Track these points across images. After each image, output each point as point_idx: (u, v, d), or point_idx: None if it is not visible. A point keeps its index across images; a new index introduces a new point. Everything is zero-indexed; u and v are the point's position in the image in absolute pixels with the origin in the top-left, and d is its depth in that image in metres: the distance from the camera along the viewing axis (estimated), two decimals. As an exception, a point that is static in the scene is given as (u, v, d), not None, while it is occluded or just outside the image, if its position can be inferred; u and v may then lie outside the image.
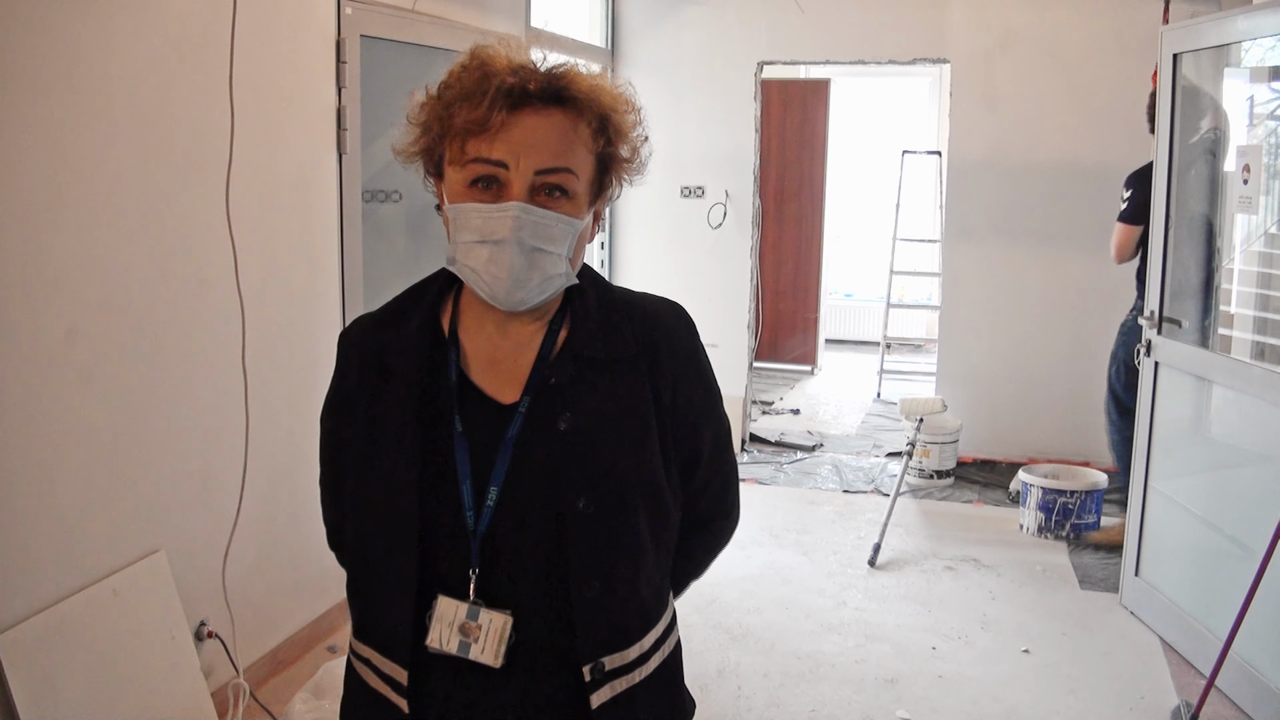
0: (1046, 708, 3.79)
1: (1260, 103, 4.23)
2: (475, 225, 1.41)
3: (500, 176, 1.41)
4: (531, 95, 1.40)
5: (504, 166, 1.40)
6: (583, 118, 1.45)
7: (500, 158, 1.40)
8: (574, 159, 1.44)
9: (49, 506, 2.93)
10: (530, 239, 1.41)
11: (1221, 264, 4.31)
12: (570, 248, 1.46)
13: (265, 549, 3.78)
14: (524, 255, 1.41)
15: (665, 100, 6.72)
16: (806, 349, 9.35)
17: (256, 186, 3.62)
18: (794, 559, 5.17)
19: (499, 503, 1.46)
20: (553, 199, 1.43)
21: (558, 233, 1.43)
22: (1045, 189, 6.21)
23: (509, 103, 1.39)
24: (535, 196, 1.42)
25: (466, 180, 1.42)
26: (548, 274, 1.44)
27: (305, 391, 3.78)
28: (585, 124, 1.45)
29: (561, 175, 1.43)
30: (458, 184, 1.43)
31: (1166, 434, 4.38)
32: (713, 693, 3.86)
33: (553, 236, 1.43)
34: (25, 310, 2.82)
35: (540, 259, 1.43)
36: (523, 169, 1.40)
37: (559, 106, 1.43)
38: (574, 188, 1.44)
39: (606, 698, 1.49)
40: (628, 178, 1.56)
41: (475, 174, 1.41)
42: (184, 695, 3.27)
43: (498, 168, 1.40)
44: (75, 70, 2.92)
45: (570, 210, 1.44)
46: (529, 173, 1.40)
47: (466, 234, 1.42)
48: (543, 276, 1.44)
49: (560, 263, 1.45)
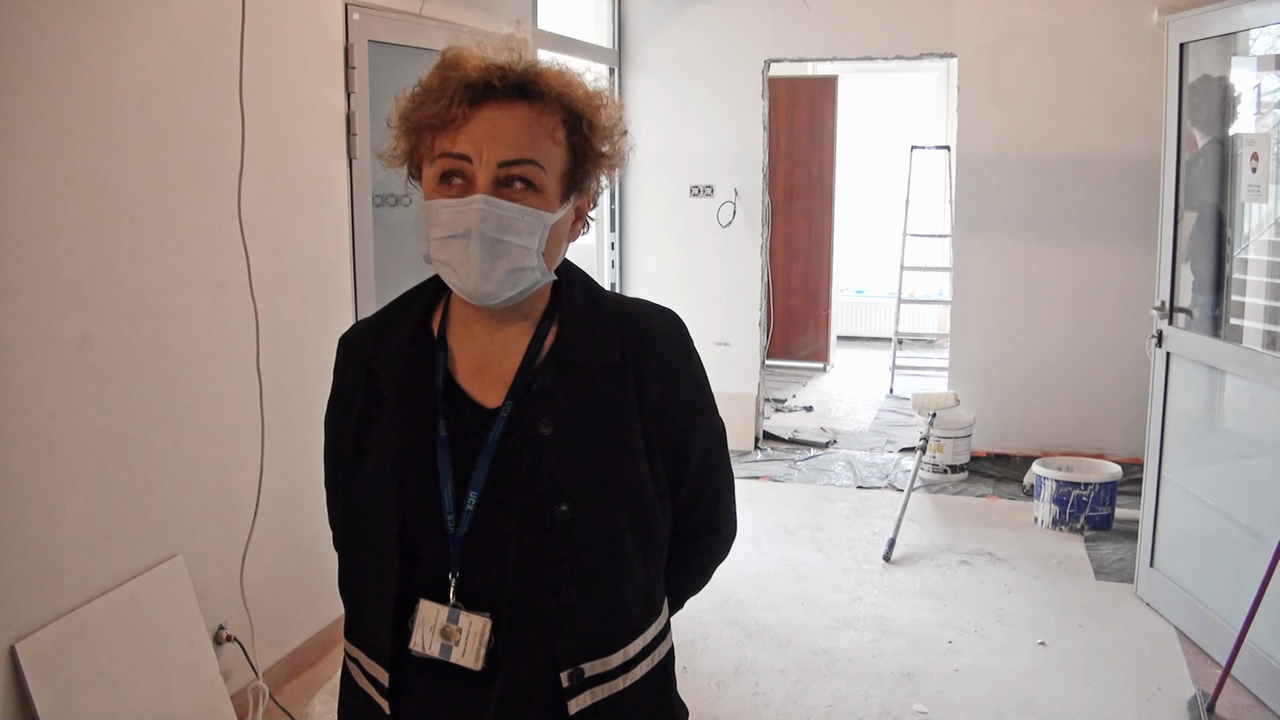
0: (1063, 699, 3.79)
1: (1268, 91, 4.21)
2: (444, 220, 1.42)
3: (465, 170, 1.41)
4: (495, 90, 1.42)
5: (467, 159, 1.41)
6: (549, 110, 1.45)
7: (463, 151, 1.41)
8: (539, 151, 1.43)
9: (66, 513, 2.96)
10: (492, 231, 1.41)
11: (1232, 253, 4.29)
12: (541, 241, 1.45)
13: (282, 552, 3.80)
14: (486, 247, 1.41)
15: (673, 100, 6.73)
16: (818, 346, 9.35)
17: (268, 192, 3.65)
18: (809, 555, 5.18)
19: (479, 507, 1.46)
20: (518, 191, 1.42)
21: (523, 225, 1.42)
22: (1054, 182, 6.19)
23: (469, 96, 1.41)
24: (500, 189, 1.42)
25: (435, 176, 1.44)
26: (514, 265, 1.43)
27: (319, 395, 3.74)
28: (551, 116, 1.45)
29: (525, 167, 1.42)
30: (429, 181, 1.45)
31: (1179, 424, 4.38)
32: (730, 689, 3.87)
33: (517, 229, 1.42)
34: (39, 319, 2.85)
35: (505, 250, 1.42)
36: (485, 161, 1.41)
37: (524, 100, 1.44)
38: (540, 180, 1.44)
39: (586, 704, 1.48)
40: (608, 171, 1.55)
41: (442, 169, 1.43)
42: (203, 699, 3.29)
43: (461, 161, 1.41)
44: (85, 80, 2.95)
45: (537, 203, 1.44)
46: (492, 164, 1.41)
47: (438, 229, 1.43)
48: (509, 268, 1.43)
49: (529, 255, 1.44)
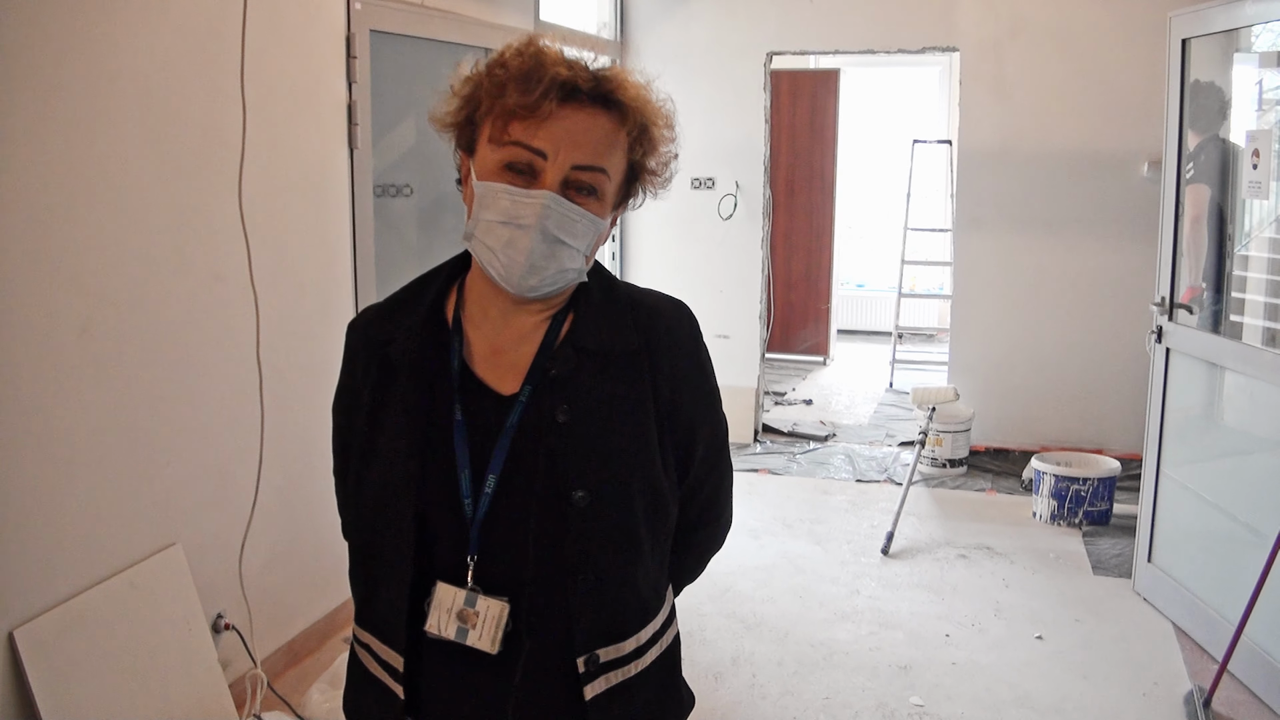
0: (1060, 694, 3.80)
1: (1270, 88, 4.21)
2: (502, 206, 1.42)
3: (536, 164, 1.42)
4: (582, 92, 1.42)
5: (543, 156, 1.41)
6: (625, 124, 1.46)
7: (541, 146, 1.41)
8: (610, 161, 1.46)
9: (66, 501, 2.96)
10: (554, 229, 1.42)
11: (1233, 250, 4.29)
12: (589, 245, 1.48)
13: (281, 541, 3.81)
14: (545, 244, 1.42)
15: (675, 92, 6.45)
16: (818, 339, 9.35)
17: (269, 182, 3.65)
18: (807, 548, 5.18)
19: (497, 492, 1.47)
20: (582, 196, 1.44)
21: (580, 229, 1.45)
22: (1056, 177, 6.19)
23: (560, 94, 1.40)
24: (566, 190, 1.43)
25: (502, 161, 1.43)
26: (564, 266, 1.46)
27: (319, 384, 3.79)
28: (626, 131, 1.47)
29: (595, 175, 1.44)
30: (492, 163, 1.44)
31: (1178, 420, 4.38)
32: (727, 681, 3.88)
33: (575, 232, 1.44)
34: (40, 307, 2.85)
35: (560, 251, 1.44)
36: (560, 161, 1.41)
37: (604, 108, 1.45)
38: (604, 189, 1.46)
39: (601, 689, 1.50)
40: (653, 190, 1.58)
41: (512, 157, 1.42)
42: (201, 687, 3.30)
43: (536, 156, 1.41)
44: (87, 68, 2.95)
45: (596, 210, 1.46)
46: (565, 166, 1.42)
47: (491, 213, 1.43)
48: (559, 268, 1.45)
49: (577, 258, 1.47)
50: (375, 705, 1.55)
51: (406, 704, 1.51)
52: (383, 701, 1.53)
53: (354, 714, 1.62)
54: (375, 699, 1.55)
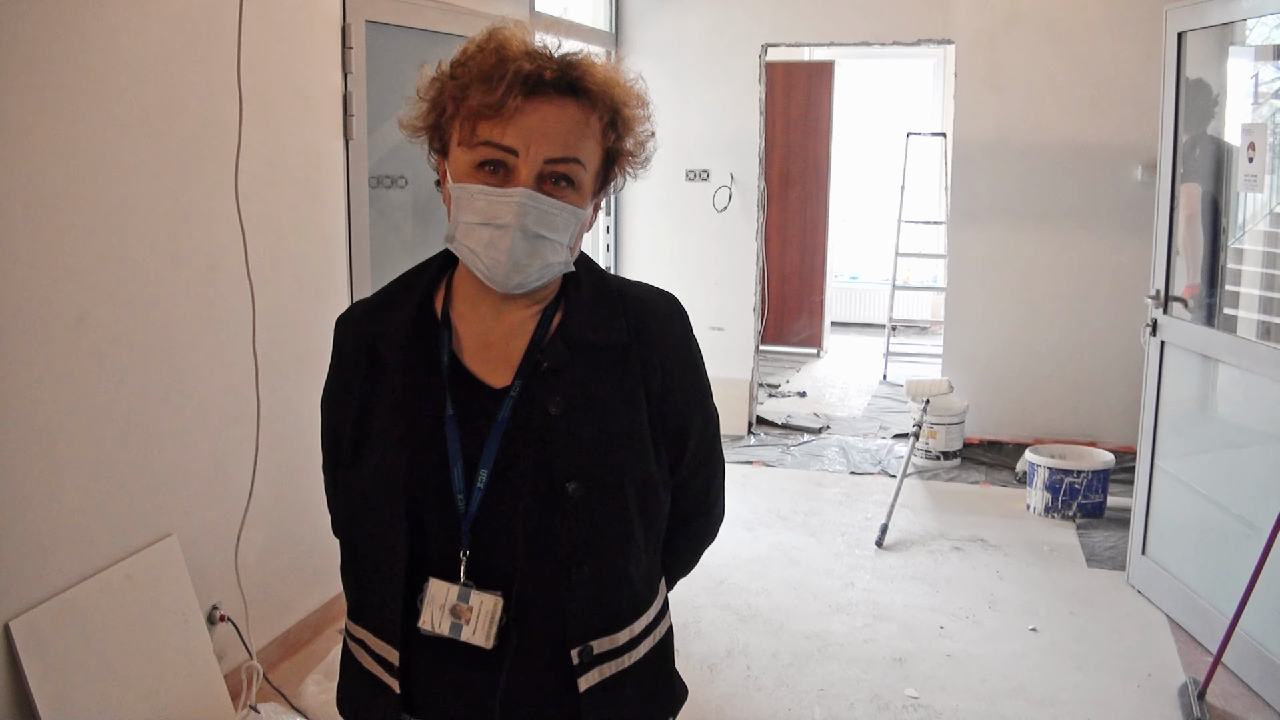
0: (1054, 685, 3.81)
1: (1265, 81, 4.22)
2: (479, 208, 1.42)
3: (509, 162, 1.41)
4: (547, 83, 1.40)
5: (514, 153, 1.40)
6: (595, 110, 1.45)
7: (511, 144, 1.40)
8: (583, 150, 1.44)
9: (61, 492, 2.96)
10: (534, 226, 1.41)
11: (1227, 243, 4.30)
12: (572, 236, 1.47)
13: (277, 532, 3.81)
14: (526, 241, 1.42)
15: (669, 84, 6.71)
16: (812, 332, 9.36)
17: (264, 172, 3.64)
18: (802, 540, 5.19)
19: (489, 486, 1.46)
20: (559, 188, 1.43)
21: (561, 222, 1.44)
22: (1050, 170, 6.20)
23: (525, 89, 1.39)
24: (542, 185, 1.42)
25: (474, 162, 1.42)
26: (547, 261, 1.45)
27: (315, 375, 3.74)
28: (597, 117, 1.45)
29: (570, 166, 1.43)
30: (465, 164, 1.43)
31: (1173, 413, 4.39)
32: (722, 672, 3.89)
33: (555, 225, 1.44)
34: (36, 298, 2.84)
35: (542, 246, 1.43)
36: (532, 157, 1.40)
37: (572, 97, 1.43)
38: (580, 178, 1.45)
39: (594, 681, 1.50)
40: (631, 171, 1.56)
41: (484, 157, 1.42)
42: (197, 678, 3.29)
43: (507, 153, 1.40)
44: (82, 58, 2.93)
45: (575, 200, 1.45)
46: (538, 161, 1.41)
47: (469, 215, 1.43)
48: (543, 263, 1.45)
49: (561, 250, 1.46)
50: (370, 700, 1.55)
51: (401, 698, 1.51)
52: (378, 696, 1.53)
53: (349, 709, 1.62)
54: (370, 694, 1.55)
